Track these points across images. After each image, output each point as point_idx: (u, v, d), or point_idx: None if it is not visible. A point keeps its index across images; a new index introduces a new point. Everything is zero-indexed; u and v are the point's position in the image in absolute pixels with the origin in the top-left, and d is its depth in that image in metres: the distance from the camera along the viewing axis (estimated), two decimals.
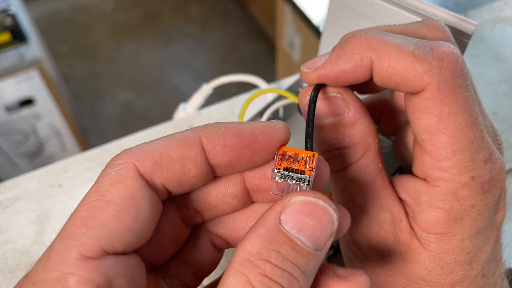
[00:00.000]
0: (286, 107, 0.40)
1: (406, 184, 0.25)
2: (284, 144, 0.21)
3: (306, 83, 0.25)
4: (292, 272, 0.18)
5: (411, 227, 0.24)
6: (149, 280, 0.22)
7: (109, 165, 0.20)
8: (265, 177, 0.22)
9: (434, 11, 0.28)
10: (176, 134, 0.21)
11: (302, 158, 0.21)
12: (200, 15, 2.13)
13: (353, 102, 0.26)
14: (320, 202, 0.19)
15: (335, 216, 0.19)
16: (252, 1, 2.05)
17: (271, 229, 0.18)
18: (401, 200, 0.25)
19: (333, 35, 0.33)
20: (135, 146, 0.20)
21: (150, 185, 0.20)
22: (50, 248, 0.18)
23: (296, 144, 0.23)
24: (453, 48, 0.23)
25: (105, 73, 1.93)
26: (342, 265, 0.29)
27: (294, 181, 0.20)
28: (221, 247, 0.25)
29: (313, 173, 0.20)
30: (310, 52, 1.19)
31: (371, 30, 0.24)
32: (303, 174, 0.20)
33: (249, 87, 0.50)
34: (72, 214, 0.19)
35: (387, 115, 0.28)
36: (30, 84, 1.21)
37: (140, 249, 0.21)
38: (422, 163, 0.24)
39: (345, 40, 0.24)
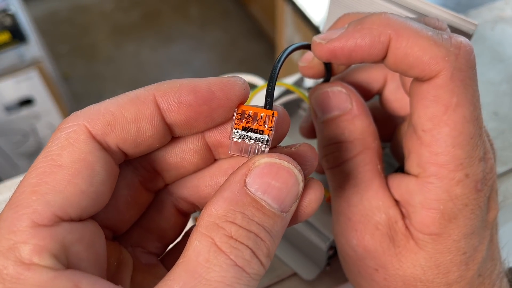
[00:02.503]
0: (288, 104, 0.40)
1: (398, 185, 0.25)
2: (243, 102, 0.20)
3: (317, 54, 0.24)
4: (258, 233, 0.17)
5: (407, 228, 0.24)
6: (110, 249, 0.21)
7: (58, 129, 0.19)
8: (226, 131, 0.21)
9: (434, 11, 0.27)
10: (128, 93, 0.19)
11: (262, 117, 0.20)
12: (200, 15, 2.13)
13: (356, 99, 0.26)
14: (285, 163, 0.19)
15: (300, 177, 0.19)
16: (252, 1, 2.04)
17: (236, 191, 0.18)
18: (396, 201, 0.25)
19: None
20: (85, 108, 0.19)
21: (104, 147, 0.19)
22: None
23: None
24: (468, 41, 0.22)
25: (105, 73, 1.93)
26: (341, 267, 0.29)
27: (252, 141, 0.20)
28: (187, 211, 0.24)
29: (272, 132, 0.20)
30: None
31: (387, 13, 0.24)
32: (262, 133, 0.20)
33: (249, 86, 0.50)
34: (20, 182, 0.18)
35: (378, 122, 0.28)
36: (29, 84, 1.21)
37: (97, 215, 0.20)
38: (419, 156, 0.23)
39: (363, 17, 0.23)
